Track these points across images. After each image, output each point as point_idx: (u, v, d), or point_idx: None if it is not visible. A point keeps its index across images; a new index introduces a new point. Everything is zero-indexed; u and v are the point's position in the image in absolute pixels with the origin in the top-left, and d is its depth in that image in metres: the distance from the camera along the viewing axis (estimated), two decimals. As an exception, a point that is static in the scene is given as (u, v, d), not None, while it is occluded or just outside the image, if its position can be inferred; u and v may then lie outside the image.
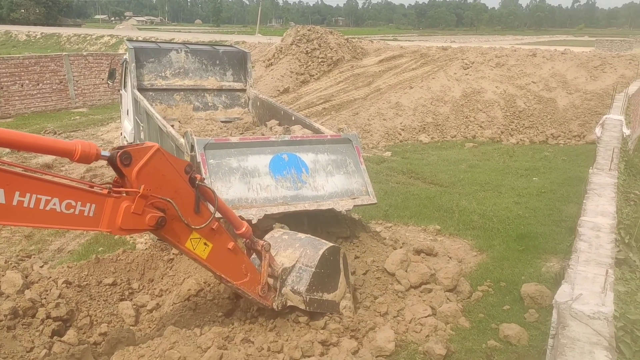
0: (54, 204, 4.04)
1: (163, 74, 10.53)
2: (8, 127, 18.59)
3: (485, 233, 9.22)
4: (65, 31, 63.85)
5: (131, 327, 6.17)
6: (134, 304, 6.46)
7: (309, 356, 5.26)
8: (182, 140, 6.80)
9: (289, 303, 5.62)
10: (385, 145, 16.76)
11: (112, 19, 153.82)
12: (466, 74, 19.94)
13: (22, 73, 21.78)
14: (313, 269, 5.59)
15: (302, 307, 5.60)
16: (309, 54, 23.70)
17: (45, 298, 6.10)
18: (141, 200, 4.48)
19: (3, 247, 8.85)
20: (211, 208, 5.02)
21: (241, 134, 9.30)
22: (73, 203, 4.15)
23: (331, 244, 5.84)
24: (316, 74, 23.11)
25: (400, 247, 7.55)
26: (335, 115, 18.90)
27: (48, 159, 14.19)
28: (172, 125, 8.52)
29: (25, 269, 6.89)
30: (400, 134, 17.56)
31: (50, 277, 6.58)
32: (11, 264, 7.57)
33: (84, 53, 25.93)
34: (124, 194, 4.43)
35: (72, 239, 9.30)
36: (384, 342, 5.57)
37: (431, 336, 5.91)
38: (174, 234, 4.82)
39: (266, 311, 5.71)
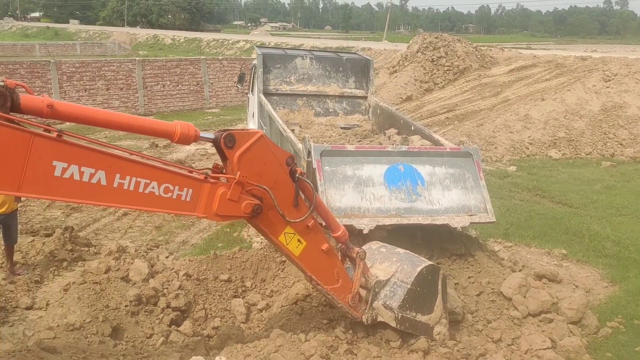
0: (153, 187, 4.10)
1: (288, 79, 10.84)
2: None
3: (620, 262, 8.38)
4: (205, 36, 68.37)
5: (241, 325, 6.36)
6: (246, 302, 6.65)
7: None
8: (300, 146, 6.91)
9: (380, 318, 5.38)
10: (510, 159, 15.92)
11: (249, 24, 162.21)
12: (607, 87, 18.37)
13: (165, 74, 23.60)
14: (408, 286, 5.31)
15: (393, 324, 5.34)
16: (435, 62, 23.25)
17: (166, 288, 6.49)
18: (237, 187, 4.43)
19: (136, 235, 9.58)
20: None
21: (359, 141, 9.29)
22: (171, 187, 4.19)
23: (431, 263, 5.56)
24: (441, 82, 22.60)
25: (520, 270, 7.09)
26: (458, 125, 18.31)
27: (181, 155, 15.22)
28: (293, 130, 8.72)
29: (151, 259, 7.40)
30: (528, 148, 16.59)
31: (173, 269, 6.98)
32: (140, 252, 8.19)
33: (220, 57, 27.56)
34: (222, 180, 4.44)
35: (195, 233, 9.85)
36: (495, 371, 5.23)
37: (549, 371, 5.46)
38: (269, 225, 4.75)
39: (361, 324, 5.55)
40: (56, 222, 9.76)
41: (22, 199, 7.58)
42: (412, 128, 8.61)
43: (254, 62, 11.83)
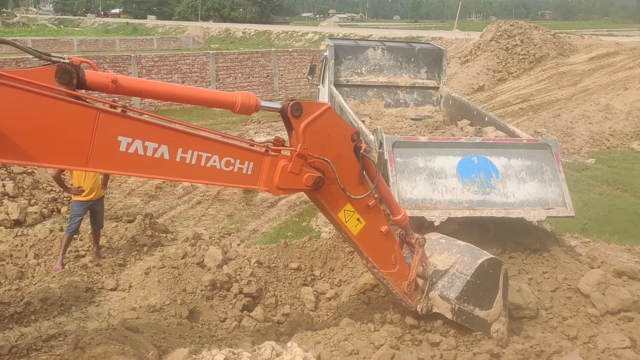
0: (214, 161, 4.10)
1: (359, 70, 10.84)
2: (222, 114, 20.70)
3: None
4: (275, 28, 69.29)
5: (310, 312, 6.48)
6: (315, 290, 6.76)
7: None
8: (371, 137, 6.92)
9: (435, 309, 5.23)
10: (589, 151, 15.21)
11: (317, 16, 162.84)
12: (698, 74, 17.18)
13: (236, 67, 24.16)
14: (468, 277, 5.12)
15: (449, 315, 5.16)
16: (509, 51, 22.50)
17: (239, 274, 6.71)
18: (298, 160, 4.39)
19: (209, 223, 9.93)
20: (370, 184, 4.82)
21: (430, 132, 9.18)
22: (232, 160, 4.17)
23: (493, 256, 5.36)
24: (515, 71, 21.86)
25: (599, 267, 6.80)
26: (533, 116, 17.67)
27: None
28: (363, 121, 8.72)
29: (225, 246, 7.65)
30: (608, 140, 15.78)
31: (245, 256, 7.20)
32: (214, 240, 8.49)
33: (290, 49, 27.89)
34: (282, 153, 4.39)
35: (265, 222, 10.09)
36: (571, 369, 5.06)
37: (628, 372, 5.22)
38: (330, 200, 4.68)
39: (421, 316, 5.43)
40: (136, 209, 10.27)
41: (107, 187, 8.01)
42: (486, 119, 8.41)
43: (325, 54, 11.90)
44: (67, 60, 3.63)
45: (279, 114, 4.48)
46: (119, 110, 3.73)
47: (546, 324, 5.90)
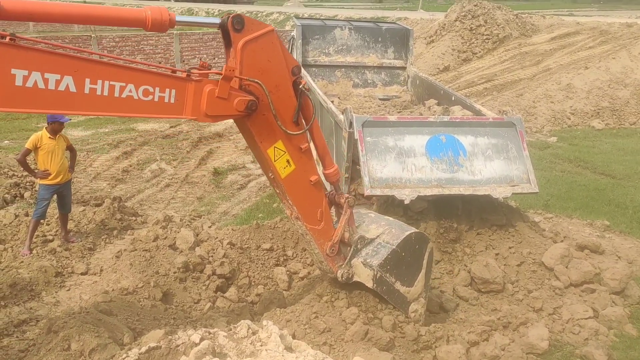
0: (130, 91, 3.76)
1: (326, 50, 10.82)
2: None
3: (664, 234, 8.24)
4: (239, 8, 68.06)
5: (284, 292, 6.54)
6: (288, 270, 6.80)
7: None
8: (341, 117, 6.97)
9: (356, 278, 5.06)
10: (551, 130, 15.61)
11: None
12: (654, 54, 17.72)
13: (201, 47, 23.79)
14: (393, 247, 4.97)
15: (370, 284, 4.99)
16: (473, 31, 22.74)
17: (212, 256, 6.70)
18: (225, 83, 4.07)
19: (178, 206, 9.86)
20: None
21: (399, 112, 9.28)
22: (151, 89, 3.83)
23: (421, 232, 5.32)
24: (479, 52, 22.14)
25: (562, 241, 7.06)
26: (497, 95, 17.98)
27: (219, 128, 15.44)
28: (332, 102, 8.75)
29: (196, 228, 7.63)
30: (569, 119, 16.21)
31: (217, 238, 7.19)
32: (185, 222, 8.44)
33: (255, 29, 27.55)
34: (210, 77, 4.09)
35: (236, 204, 10.07)
36: (537, 339, 5.28)
37: (591, 340, 5.48)
38: (261, 130, 4.38)
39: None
40: (103, 192, 10.11)
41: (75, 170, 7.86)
42: (453, 99, 8.54)
43: (292, 34, 11.82)
44: None
45: (218, 29, 4.16)
46: (6, 39, 3.35)
47: (512, 297, 6.11)
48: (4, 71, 3.34)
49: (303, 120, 4.60)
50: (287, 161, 4.58)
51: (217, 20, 4.15)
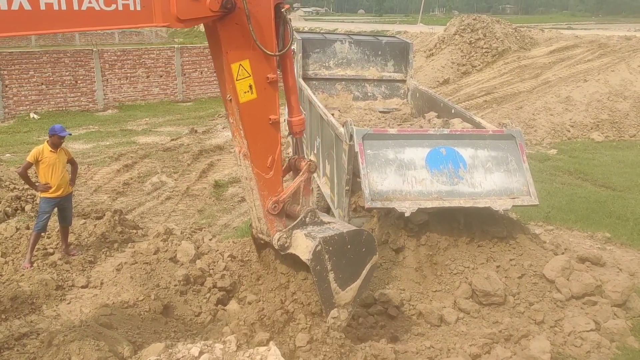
0: (90, 2, 3.55)
1: (327, 63, 10.88)
2: (188, 109, 20.63)
3: (665, 246, 8.23)
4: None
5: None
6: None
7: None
8: (341, 130, 6.99)
9: (291, 250, 4.62)
10: (551, 142, 15.66)
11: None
12: (653, 67, 17.81)
13: (202, 61, 23.89)
14: (343, 232, 4.65)
15: (306, 256, 4.48)
16: (473, 44, 22.90)
17: (212, 269, 6.70)
18: None
19: (179, 218, 9.87)
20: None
21: (399, 125, 9.31)
22: None
23: (374, 237, 4.97)
24: (479, 65, 22.27)
25: (562, 253, 7.05)
26: (497, 108, 18.06)
27: (220, 141, 15.49)
28: (333, 114, 8.79)
29: (197, 241, 7.63)
30: (569, 131, 16.27)
31: (218, 250, 7.19)
32: (186, 235, 8.45)
33: (255, 43, 27.70)
34: None
35: (236, 217, 10.08)
36: (539, 352, 5.26)
37: (593, 353, 5.46)
38: (230, 38, 4.09)
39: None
40: (103, 205, 10.13)
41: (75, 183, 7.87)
42: (453, 111, 8.57)
43: (292, 47, 11.89)
44: None
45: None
46: None
47: (514, 309, 6.09)
48: None
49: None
50: (250, 86, 4.29)
51: None
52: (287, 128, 4.95)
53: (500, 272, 6.47)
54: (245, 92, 4.28)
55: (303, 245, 4.53)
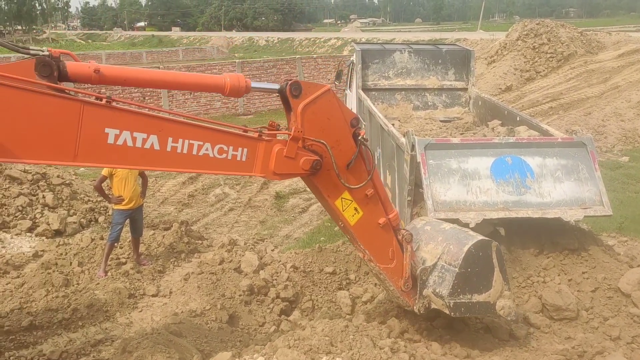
0: (207, 149, 4.01)
1: (386, 74, 10.87)
2: (249, 122, 21.05)
3: None
4: (297, 36, 69.67)
5: (347, 316, 6.51)
6: (351, 294, 6.79)
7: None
8: (403, 140, 6.95)
9: (433, 306, 5.07)
10: (622, 149, 14.96)
11: (339, 22, 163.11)
12: None
13: (262, 75, 24.38)
14: (457, 270, 4.89)
15: (447, 311, 4.98)
16: (536, 50, 22.25)
17: (275, 279, 6.79)
18: (294, 143, 4.27)
19: (242, 229, 10.06)
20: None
21: (461, 134, 9.16)
22: (225, 148, 4.07)
23: (480, 238, 5.07)
24: (543, 70, 21.60)
25: (638, 266, 6.70)
26: (564, 115, 17.45)
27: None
28: (393, 125, 8.75)
29: (260, 251, 7.76)
30: (642, 137, 15.50)
31: (280, 261, 7.28)
32: (249, 245, 8.61)
33: (314, 56, 28.03)
34: (277, 137, 4.30)
35: (298, 227, 10.17)
36: (615, 369, 5.01)
37: (673, 371, 5.14)
38: (327, 186, 4.56)
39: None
40: (170, 217, 10.46)
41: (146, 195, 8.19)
42: (518, 119, 8.35)
43: (351, 59, 11.96)
44: (47, 53, 3.56)
45: (277, 95, 4.41)
46: (103, 101, 3.64)
47: (587, 324, 5.83)
48: (98, 130, 3.64)
49: (364, 170, 4.72)
50: (355, 209, 4.73)
51: (276, 86, 4.38)
52: None
53: (572, 286, 6.22)
54: (353, 215, 4.76)
55: (439, 303, 4.99)
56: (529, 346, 5.50)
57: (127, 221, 7.64)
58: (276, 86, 4.39)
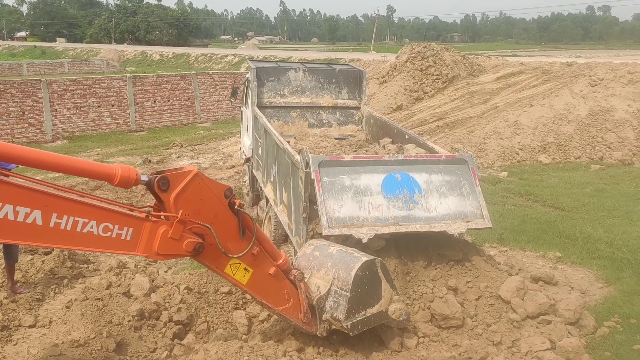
0: (91, 227, 4.01)
1: (281, 92, 10.93)
2: (141, 139, 20.30)
3: (613, 264, 8.52)
4: (193, 51, 68.48)
5: (243, 336, 6.39)
6: (247, 314, 6.68)
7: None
8: (297, 157, 7.00)
9: (334, 327, 5.48)
10: (501, 165, 16.12)
11: (236, 39, 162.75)
12: (594, 92, 18.66)
13: (155, 90, 23.66)
14: (348, 294, 5.30)
15: (346, 332, 5.40)
16: (424, 71, 23.45)
17: (168, 302, 6.52)
18: (179, 226, 4.40)
19: (133, 251, 9.58)
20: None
21: (354, 151, 9.39)
22: (110, 226, 4.10)
23: (364, 260, 5.46)
24: (430, 91, 22.80)
25: (517, 274, 7.19)
26: (449, 133, 18.50)
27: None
28: (289, 142, 8.80)
29: (152, 274, 7.43)
30: (518, 154, 16.80)
31: (174, 283, 7.01)
32: (140, 268, 8.21)
33: (210, 72, 27.66)
34: (162, 218, 4.39)
35: (193, 247, 9.86)
36: (497, 373, 5.30)
37: (549, 372, 5.54)
38: (213, 260, 4.75)
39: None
40: (53, 240, 9.76)
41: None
42: (407, 137, 8.72)
43: (247, 76, 11.92)
44: None
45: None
46: None
47: (472, 331, 6.15)
48: None
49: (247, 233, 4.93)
50: (245, 269, 4.93)
51: (146, 179, 4.41)
52: (241, 157, 5.20)
53: (458, 295, 6.54)
54: (244, 275, 4.96)
55: (338, 325, 5.37)
56: (419, 355, 5.70)
57: (0, 247, 7.02)
58: (145, 179, 4.39)
